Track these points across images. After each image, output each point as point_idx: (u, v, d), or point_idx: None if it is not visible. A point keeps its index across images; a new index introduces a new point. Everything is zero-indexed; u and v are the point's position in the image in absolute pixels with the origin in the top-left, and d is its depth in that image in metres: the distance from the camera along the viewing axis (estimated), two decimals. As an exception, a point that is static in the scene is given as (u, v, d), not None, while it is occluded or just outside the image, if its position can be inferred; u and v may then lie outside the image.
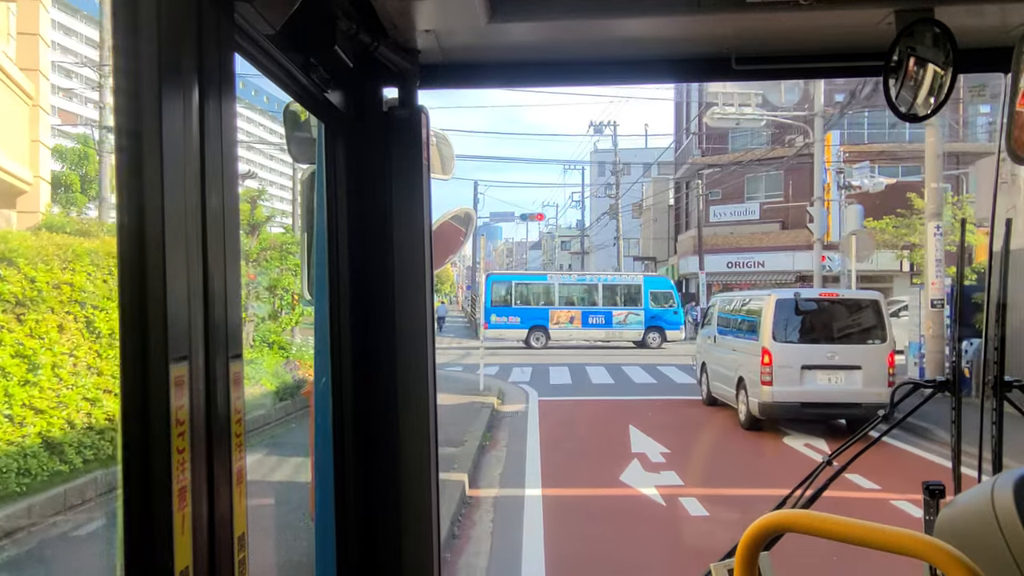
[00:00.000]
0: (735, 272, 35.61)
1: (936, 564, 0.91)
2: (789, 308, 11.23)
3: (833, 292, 12.37)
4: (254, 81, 71.16)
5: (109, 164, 20.01)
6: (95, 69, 21.13)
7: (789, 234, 34.37)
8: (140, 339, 0.78)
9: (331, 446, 1.54)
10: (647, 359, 23.55)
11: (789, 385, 10.90)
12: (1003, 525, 1.27)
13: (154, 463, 0.78)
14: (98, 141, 20.39)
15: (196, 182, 0.84)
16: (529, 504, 7.67)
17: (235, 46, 0.96)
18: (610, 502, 7.93)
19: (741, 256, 35.40)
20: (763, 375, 11.00)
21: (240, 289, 1.05)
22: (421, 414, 1.59)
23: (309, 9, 1.13)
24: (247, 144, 76.63)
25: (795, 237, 34.10)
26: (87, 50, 47.17)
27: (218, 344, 0.87)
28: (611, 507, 7.76)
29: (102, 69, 20.37)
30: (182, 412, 0.79)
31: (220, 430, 0.87)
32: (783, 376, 10.93)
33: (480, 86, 1.77)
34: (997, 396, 1.82)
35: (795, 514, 1.08)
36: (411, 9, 1.42)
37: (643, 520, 7.27)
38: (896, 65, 1.46)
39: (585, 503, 8.01)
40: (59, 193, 19.45)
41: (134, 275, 0.78)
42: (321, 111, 1.45)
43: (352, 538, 1.56)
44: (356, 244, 1.55)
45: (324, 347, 1.54)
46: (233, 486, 0.89)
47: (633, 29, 1.58)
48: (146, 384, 0.77)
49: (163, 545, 0.77)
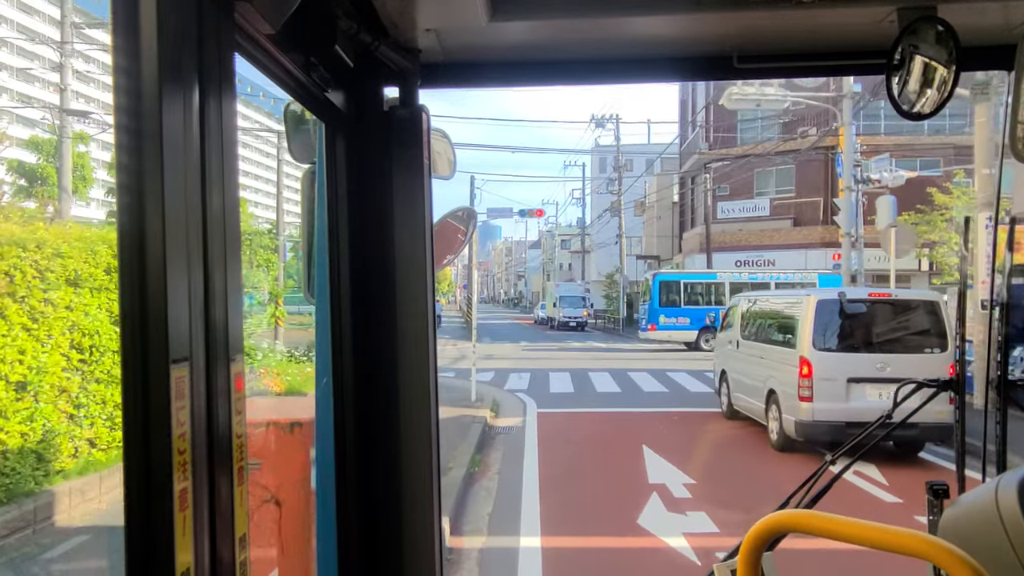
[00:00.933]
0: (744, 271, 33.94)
1: (940, 564, 0.91)
2: (832, 310, 9.56)
3: (884, 292, 10.68)
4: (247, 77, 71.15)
5: (72, 152, 18.41)
6: (56, 48, 19.45)
7: (801, 231, 32.72)
8: (140, 341, 0.78)
9: (332, 446, 1.54)
10: (655, 363, 21.88)
11: (832, 401, 9.24)
12: (1007, 525, 1.28)
13: (155, 464, 0.78)
14: (59, 126, 18.71)
15: (196, 182, 0.85)
16: (525, 561, 6.03)
17: (235, 46, 0.96)
18: (629, 557, 6.25)
19: (750, 254, 33.72)
20: (801, 389, 9.35)
21: (241, 290, 0.96)
22: (422, 414, 1.59)
23: (309, 9, 1.14)
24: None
25: (807, 234, 32.45)
26: (48, 29, 45.31)
27: (219, 345, 0.87)
28: (630, 565, 6.09)
29: (64, 48, 18.74)
30: (183, 413, 0.80)
31: (221, 431, 0.87)
32: (825, 391, 9.27)
33: (481, 85, 1.78)
34: (1001, 396, 1.87)
35: (798, 514, 1.08)
36: (412, 8, 1.43)
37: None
38: (899, 63, 1.45)
39: (597, 559, 6.32)
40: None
41: (134, 276, 0.78)
42: (321, 111, 1.44)
43: (353, 538, 1.56)
44: (357, 244, 1.55)
45: (325, 347, 1.54)
46: (234, 487, 0.89)
47: (635, 28, 1.57)
48: (147, 386, 0.78)
49: (165, 546, 0.78)
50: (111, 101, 0.79)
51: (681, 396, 15.42)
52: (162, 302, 0.77)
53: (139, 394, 0.77)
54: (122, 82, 0.77)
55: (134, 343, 0.77)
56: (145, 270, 0.77)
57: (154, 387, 0.77)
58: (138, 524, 0.78)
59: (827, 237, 31.76)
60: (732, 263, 33.90)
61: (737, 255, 33.92)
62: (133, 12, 0.76)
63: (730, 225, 34.73)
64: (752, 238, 34.00)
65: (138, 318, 0.77)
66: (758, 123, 34.67)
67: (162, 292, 0.77)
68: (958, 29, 1.39)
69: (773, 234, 33.47)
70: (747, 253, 33.82)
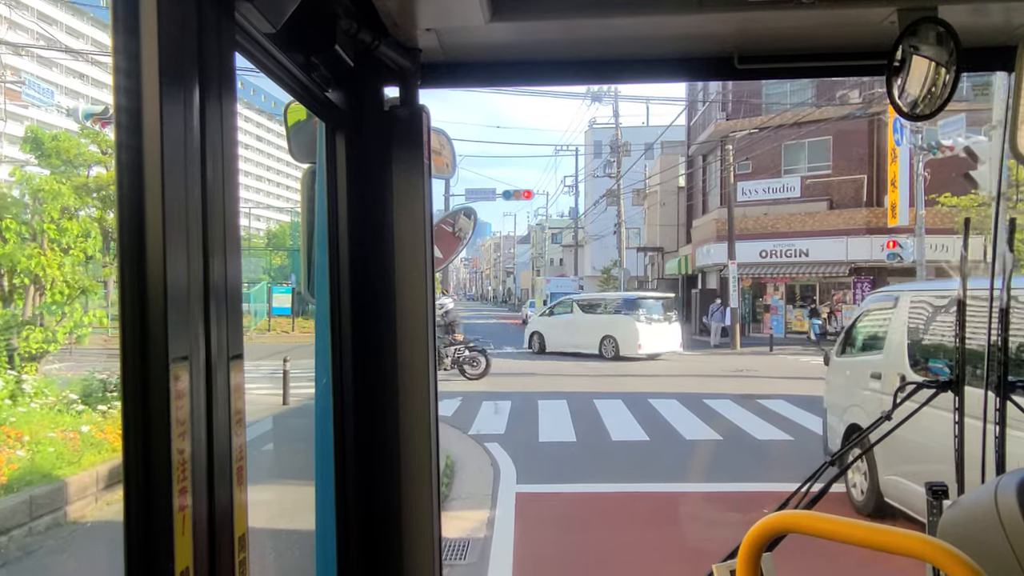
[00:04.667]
0: (770, 263, 28.51)
1: (939, 565, 0.91)
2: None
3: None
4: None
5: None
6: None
7: (840, 215, 27.27)
8: (140, 339, 0.78)
9: (331, 446, 1.54)
10: (684, 386, 16.33)
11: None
12: (1007, 526, 1.28)
13: (154, 463, 0.78)
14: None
15: (196, 181, 0.85)
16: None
17: (235, 45, 0.96)
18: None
19: (778, 243, 28.26)
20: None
21: (241, 289, 0.96)
22: (422, 414, 1.60)
23: (310, 8, 1.17)
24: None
25: (848, 219, 27.02)
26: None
27: (219, 344, 0.87)
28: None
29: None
30: (182, 412, 0.80)
31: (221, 430, 0.87)
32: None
33: (482, 85, 1.77)
34: (1000, 396, 1.88)
35: (797, 515, 1.09)
36: (412, 8, 1.43)
37: None
38: (899, 64, 1.45)
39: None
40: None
41: (134, 275, 0.78)
42: (322, 110, 1.44)
43: (353, 538, 1.57)
44: (356, 244, 1.55)
45: (324, 347, 1.54)
46: (234, 487, 0.89)
47: (635, 28, 1.57)
48: (146, 384, 0.78)
49: (163, 546, 0.78)
50: (111, 100, 0.79)
51: (741, 444, 9.89)
52: (162, 301, 0.77)
53: (139, 393, 0.77)
54: (122, 82, 0.77)
55: (134, 342, 0.77)
56: (145, 269, 0.77)
57: (154, 386, 0.77)
58: (137, 523, 0.78)
59: (873, 221, 26.31)
60: (756, 253, 28.43)
61: (762, 244, 28.45)
62: (133, 11, 0.77)
63: (753, 209, 29.26)
64: (780, 223, 28.51)
65: (138, 317, 0.77)
66: (786, 86, 29.21)
67: (162, 291, 0.77)
68: (958, 30, 1.39)
69: (805, 219, 28.01)
70: (774, 242, 28.35)
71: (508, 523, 6.71)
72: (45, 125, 28.52)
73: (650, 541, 6.37)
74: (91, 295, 8.91)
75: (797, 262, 27.93)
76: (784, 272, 28.37)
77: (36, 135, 16.91)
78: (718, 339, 27.31)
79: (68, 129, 23.89)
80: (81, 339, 8.63)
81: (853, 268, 26.70)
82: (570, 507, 7.40)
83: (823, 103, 27.44)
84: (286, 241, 41.45)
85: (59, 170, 19.81)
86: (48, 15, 65.88)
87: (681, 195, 40.21)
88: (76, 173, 23.50)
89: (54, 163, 22.83)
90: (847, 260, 26.64)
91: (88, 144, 18.64)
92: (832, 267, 27.02)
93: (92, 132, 21.92)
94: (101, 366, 8.96)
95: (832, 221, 27.35)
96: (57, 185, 8.54)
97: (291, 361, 13.05)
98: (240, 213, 0.96)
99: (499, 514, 6.94)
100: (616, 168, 37.15)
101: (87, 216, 9.65)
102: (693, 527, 6.86)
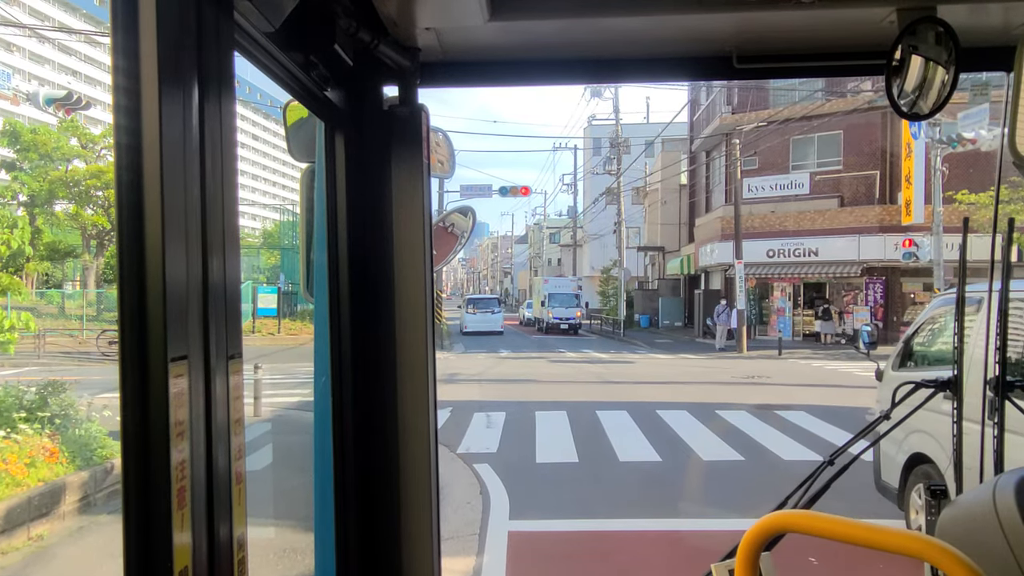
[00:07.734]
0: (777, 263, 27.29)
1: (937, 565, 0.91)
2: None
3: None
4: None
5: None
6: None
7: (852, 213, 26.07)
8: (139, 338, 0.77)
9: (331, 445, 1.54)
10: (693, 394, 15.13)
11: None
12: (1005, 525, 1.28)
13: (153, 462, 0.78)
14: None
15: (196, 180, 0.84)
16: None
17: (235, 44, 0.96)
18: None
19: (786, 242, 27.04)
20: None
21: (239, 289, 0.94)
22: (421, 413, 1.59)
23: (309, 7, 1.17)
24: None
25: (860, 216, 25.80)
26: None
27: (217, 343, 0.86)
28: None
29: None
30: (181, 411, 0.79)
31: (219, 430, 0.86)
32: None
33: (481, 84, 1.79)
34: (999, 396, 1.90)
35: (796, 514, 1.09)
36: (411, 7, 1.44)
37: None
38: (898, 64, 1.45)
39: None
40: None
41: (133, 274, 0.78)
42: (321, 109, 1.45)
43: (352, 537, 1.56)
44: (356, 243, 1.55)
45: (324, 346, 1.54)
46: (232, 486, 0.89)
47: (634, 28, 1.58)
48: (145, 383, 0.77)
49: (162, 545, 0.78)
50: (111, 100, 0.79)
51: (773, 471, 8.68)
52: (161, 300, 0.77)
53: (138, 392, 0.77)
54: (122, 81, 0.77)
55: (133, 341, 0.77)
56: (144, 269, 0.77)
57: (153, 385, 0.77)
58: (136, 522, 0.77)
59: (886, 219, 25.12)
60: (763, 253, 27.24)
61: (769, 243, 27.25)
62: (133, 11, 0.77)
63: (759, 207, 28.04)
64: (788, 221, 27.31)
65: (137, 316, 0.77)
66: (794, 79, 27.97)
67: (161, 290, 0.77)
68: (958, 30, 1.40)
69: (815, 216, 26.79)
70: (782, 241, 27.14)
71: (498, 574, 5.50)
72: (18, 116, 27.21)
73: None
74: (13, 294, 7.68)
75: (806, 262, 26.72)
76: (792, 272, 27.15)
77: (15, 128, 15.82)
78: (723, 342, 26.08)
79: (47, 123, 22.65)
80: (5, 346, 7.41)
81: (865, 268, 25.51)
82: (573, 549, 6.18)
83: (833, 95, 26.26)
84: (276, 240, 40.20)
85: (37, 164, 18.58)
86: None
87: (683, 193, 39.00)
88: (55, 167, 22.07)
89: (31, 157, 21.59)
90: (859, 260, 25.45)
91: (69, 138, 17.56)
92: (843, 267, 25.81)
93: (72, 125, 20.60)
94: (37, 372, 7.73)
95: (843, 219, 26.16)
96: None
97: (276, 365, 11.89)
98: (239, 213, 0.95)
99: (487, 561, 5.73)
100: (616, 165, 35.95)
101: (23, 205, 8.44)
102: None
